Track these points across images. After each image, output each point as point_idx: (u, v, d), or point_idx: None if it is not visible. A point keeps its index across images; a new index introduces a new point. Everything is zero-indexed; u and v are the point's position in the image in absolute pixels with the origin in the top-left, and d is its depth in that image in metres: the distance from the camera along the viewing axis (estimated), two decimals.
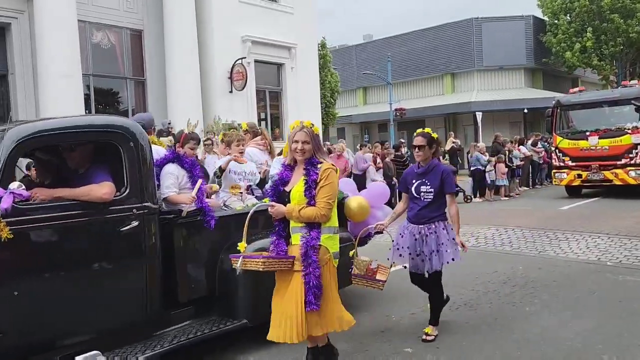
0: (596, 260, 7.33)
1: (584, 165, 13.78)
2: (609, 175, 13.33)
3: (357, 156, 12.56)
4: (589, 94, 15.41)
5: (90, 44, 13.54)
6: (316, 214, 3.47)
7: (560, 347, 4.34)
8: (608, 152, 13.35)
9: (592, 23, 29.43)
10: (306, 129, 3.63)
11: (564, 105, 14.74)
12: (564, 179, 14.23)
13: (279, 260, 3.57)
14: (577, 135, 14.03)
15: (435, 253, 4.51)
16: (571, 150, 14.06)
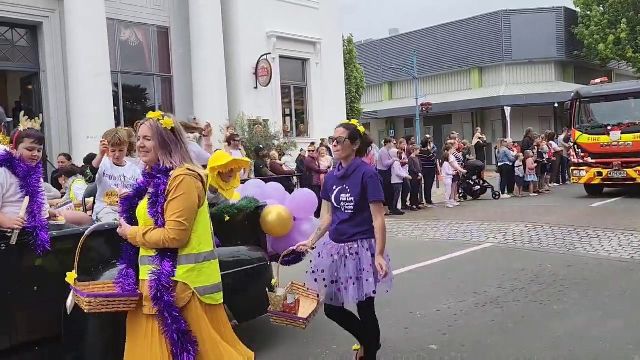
0: (629, 259, 7.11)
1: (604, 162, 12.77)
2: (633, 173, 12.31)
3: (382, 152, 12.46)
4: (612, 85, 14.27)
5: (118, 42, 13.78)
6: (164, 238, 2.57)
7: (589, 347, 4.22)
8: (632, 148, 12.34)
9: (626, 14, 28.52)
10: (151, 122, 2.74)
11: (584, 97, 13.72)
12: (582, 177, 13.27)
13: (114, 299, 2.66)
14: (598, 129, 13.00)
15: (354, 281, 3.54)
16: (591, 145, 13.12)
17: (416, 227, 10.40)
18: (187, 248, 2.64)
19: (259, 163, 10.81)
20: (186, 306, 2.62)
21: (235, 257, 4.13)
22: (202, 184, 2.71)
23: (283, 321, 3.44)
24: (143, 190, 2.80)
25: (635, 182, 12.42)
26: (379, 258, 3.48)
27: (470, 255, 7.88)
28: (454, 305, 5.40)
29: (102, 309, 2.67)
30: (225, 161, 4.01)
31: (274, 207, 4.53)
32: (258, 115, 14.78)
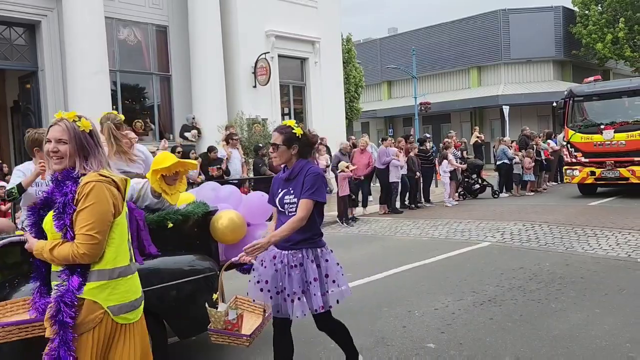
0: (626, 257, 7.14)
1: (597, 161, 12.66)
2: (626, 172, 12.16)
3: (380, 150, 12.48)
4: (605, 84, 14.03)
5: (116, 41, 13.77)
6: (73, 254, 2.28)
7: (587, 345, 4.25)
8: (625, 147, 12.21)
9: (624, 13, 28.57)
10: (65, 122, 2.43)
11: (577, 96, 13.58)
12: (575, 177, 13.17)
13: (27, 325, 2.42)
14: (591, 128, 12.89)
15: (300, 296, 3.29)
16: (584, 145, 12.98)
17: (415, 226, 10.42)
18: (100, 263, 2.35)
19: (258, 162, 10.82)
20: (95, 329, 2.30)
21: (180, 266, 3.81)
22: (119, 191, 2.43)
23: (225, 339, 3.11)
24: (51, 200, 2.45)
25: (628, 182, 12.30)
26: (268, 238, 3.22)
27: (468, 254, 7.90)
28: (453, 304, 5.42)
29: (12, 338, 2.41)
30: (169, 163, 3.70)
31: (226, 212, 4.15)
32: (257, 114, 14.78)
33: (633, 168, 12.10)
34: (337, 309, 5.39)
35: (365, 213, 12.30)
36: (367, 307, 5.49)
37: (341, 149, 11.96)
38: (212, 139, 12.48)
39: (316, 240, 3.39)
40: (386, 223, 11.00)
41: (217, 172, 9.75)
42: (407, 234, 9.88)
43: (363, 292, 6.08)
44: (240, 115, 14.25)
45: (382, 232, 10.23)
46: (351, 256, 8.20)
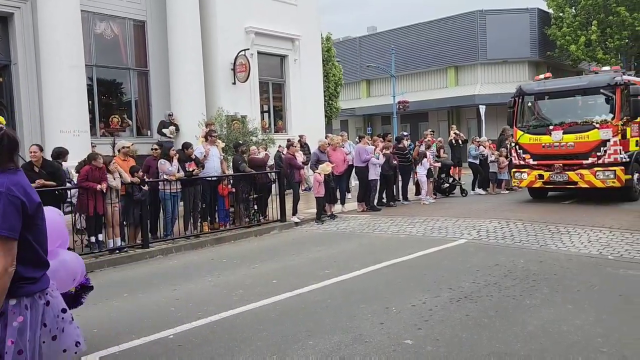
0: (597, 254, 7.33)
1: (546, 164, 11.87)
2: (574, 176, 11.40)
3: (359, 148, 12.53)
4: (555, 81, 12.96)
5: (93, 35, 13.55)
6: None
7: (560, 340, 4.35)
8: (574, 150, 11.43)
9: (597, 16, 29.20)
10: None
11: (527, 94, 12.73)
12: (524, 180, 12.31)
13: None
14: (540, 129, 12.04)
15: None
16: (532, 146, 12.11)
17: (392, 224, 10.51)
18: None
19: (237, 159, 10.76)
20: None
21: None
22: None
23: None
24: None
25: (577, 186, 11.61)
26: None
27: (445, 251, 8.01)
28: (430, 300, 5.50)
29: None
30: None
31: None
32: (236, 111, 14.70)
33: (582, 172, 11.34)
34: (315, 307, 5.45)
35: (343, 211, 12.35)
36: (345, 303, 5.53)
37: (320, 147, 11.98)
38: (190, 136, 12.37)
39: (20, 286, 2.38)
40: (364, 220, 11.07)
41: (197, 169, 9.67)
42: (385, 232, 9.96)
43: (341, 289, 6.12)
44: (220, 112, 14.15)
45: (360, 230, 10.29)
46: (329, 253, 8.24)
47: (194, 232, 9.79)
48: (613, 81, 11.28)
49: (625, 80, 11.37)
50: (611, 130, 11.09)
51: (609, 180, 11.03)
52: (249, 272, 7.25)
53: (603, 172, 11.07)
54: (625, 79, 11.51)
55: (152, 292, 6.46)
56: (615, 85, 11.23)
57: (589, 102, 11.95)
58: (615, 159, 11.09)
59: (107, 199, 8.34)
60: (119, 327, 5.14)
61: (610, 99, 11.31)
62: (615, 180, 10.98)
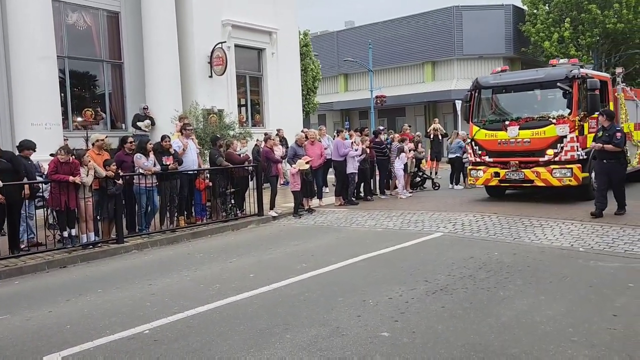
0: (569, 247, 7.50)
1: (502, 161, 11.30)
2: (530, 174, 10.85)
3: (337, 142, 12.55)
4: (512, 74, 12.36)
5: (65, 25, 13.24)
6: None
7: (532, 331, 4.44)
8: (529, 146, 10.89)
9: (570, 13, 29.73)
10: None
11: (483, 87, 12.05)
12: (479, 178, 11.72)
13: None
14: (495, 124, 11.43)
15: None
16: (488, 142, 11.49)
17: (370, 217, 10.56)
18: None
19: (214, 153, 10.67)
20: None
21: None
22: None
23: None
24: None
25: (533, 185, 11.06)
26: None
27: (421, 244, 8.10)
28: (406, 293, 5.55)
29: None
30: None
31: None
32: (213, 104, 14.57)
33: (538, 169, 10.77)
34: (292, 301, 5.45)
35: (321, 205, 12.36)
36: (322, 297, 5.54)
37: (297, 140, 11.96)
38: (166, 129, 12.20)
39: None
40: (342, 214, 11.10)
41: (173, 164, 9.55)
42: (362, 225, 10.01)
43: (318, 283, 6.14)
44: (195, 106, 14.00)
45: (338, 223, 10.32)
46: (307, 247, 8.25)
47: (170, 226, 9.68)
48: (570, 74, 10.73)
49: (582, 74, 10.81)
50: (568, 126, 10.54)
51: (565, 178, 10.53)
52: (225, 267, 7.21)
53: (560, 170, 10.57)
54: (583, 72, 10.92)
55: (127, 287, 6.37)
56: (573, 78, 10.70)
57: (548, 96, 11.32)
58: (572, 156, 10.54)
59: (80, 194, 8.18)
60: (93, 323, 5.07)
61: (567, 93, 10.77)
62: (572, 178, 10.47)
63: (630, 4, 28.18)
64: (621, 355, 3.93)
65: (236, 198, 11.00)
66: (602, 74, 12.58)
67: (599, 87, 10.74)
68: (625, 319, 4.63)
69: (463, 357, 3.98)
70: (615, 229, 8.13)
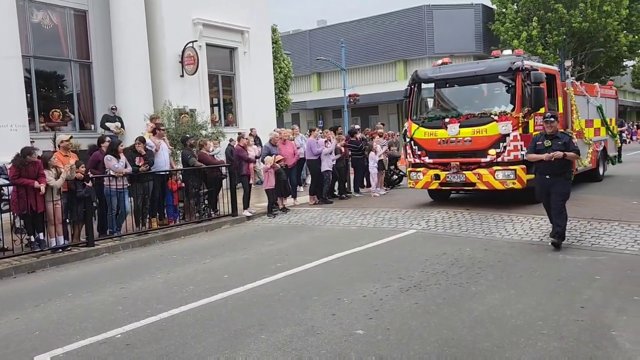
0: (538, 241, 7.66)
1: (442, 162, 10.30)
2: (472, 176, 9.87)
3: (310, 141, 12.55)
4: (451, 67, 11.06)
5: (30, 24, 12.90)
6: None
7: (504, 325, 4.53)
8: (471, 146, 9.89)
9: (537, 12, 30.41)
10: None
11: (423, 81, 11.03)
12: (419, 181, 10.67)
13: None
14: (435, 122, 10.38)
15: None
16: (428, 142, 10.45)
17: (344, 216, 10.60)
18: None
19: (186, 153, 10.54)
20: None
21: None
22: None
23: None
24: None
25: (475, 188, 10.09)
26: None
27: (395, 242, 8.17)
28: (380, 290, 5.59)
29: None
30: None
31: None
32: (185, 104, 14.40)
33: (480, 171, 9.80)
34: (267, 301, 5.44)
35: (295, 204, 12.35)
36: (297, 296, 5.54)
37: (271, 140, 11.92)
38: (137, 130, 12.01)
39: None
40: (316, 213, 11.11)
41: (143, 165, 9.40)
42: (337, 224, 10.04)
43: (293, 282, 6.13)
44: (168, 105, 13.81)
45: (312, 222, 10.33)
46: (281, 247, 8.23)
47: (143, 228, 9.54)
48: (514, 66, 9.71)
49: (526, 66, 9.78)
50: (511, 124, 9.55)
51: (509, 180, 9.56)
52: (199, 268, 7.15)
53: (503, 172, 9.60)
54: (528, 64, 9.91)
55: (98, 291, 6.25)
56: (516, 70, 9.70)
57: (495, 90, 10.31)
58: (515, 156, 9.53)
59: (48, 197, 7.98)
60: (63, 329, 4.96)
61: (510, 87, 9.82)
62: (516, 180, 9.48)
63: (594, 3, 28.97)
64: (588, 346, 4.04)
65: (210, 198, 10.90)
66: (549, 67, 11.59)
67: (544, 80, 9.72)
68: (592, 311, 4.76)
69: (436, 352, 4.04)
70: (583, 222, 8.33)
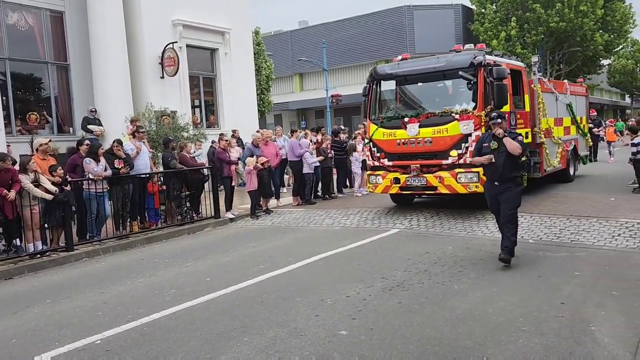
0: (519, 239, 7.66)
1: (402, 164, 9.67)
2: (433, 180, 9.20)
3: (292, 142, 12.52)
4: (411, 63, 10.23)
5: (4, 26, 12.65)
6: None
7: (486, 322, 4.56)
8: (431, 147, 9.25)
9: (516, 12, 30.80)
10: None
11: (381, 78, 10.34)
12: (379, 185, 9.99)
13: None
14: (394, 121, 9.72)
15: None
16: (387, 143, 9.80)
17: (327, 216, 10.59)
18: None
19: (167, 155, 10.44)
20: None
21: None
22: None
23: None
24: None
25: (437, 192, 9.46)
26: None
27: (378, 242, 8.18)
28: (363, 290, 5.59)
29: None
30: None
31: None
32: (165, 106, 14.25)
33: (441, 174, 9.16)
34: (250, 303, 5.40)
35: (279, 205, 12.31)
36: (280, 298, 5.51)
37: (253, 141, 11.86)
38: (116, 133, 11.86)
39: None
40: (299, 214, 11.09)
41: (123, 167, 9.29)
42: (320, 224, 10.03)
43: (276, 284, 6.10)
44: (149, 108, 13.65)
45: (295, 223, 10.30)
46: (264, 248, 8.20)
47: (123, 232, 9.41)
48: (475, 61, 9.10)
49: (489, 61, 9.19)
50: (473, 123, 8.96)
51: (472, 184, 8.92)
52: (181, 271, 7.07)
53: (465, 175, 8.97)
54: (490, 59, 9.35)
55: (77, 296, 6.15)
56: (478, 65, 9.08)
57: (457, 87, 9.62)
58: None
59: (25, 202, 7.83)
60: (41, 336, 4.86)
61: (472, 84, 9.20)
62: (479, 184, 8.62)
63: (571, 3, 29.44)
64: (569, 341, 4.09)
65: (191, 201, 10.81)
66: (514, 62, 11.09)
67: (507, 76, 9.20)
68: (572, 307, 4.82)
69: (419, 351, 4.05)
70: (562, 219, 8.44)
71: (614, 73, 49.63)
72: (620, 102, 62.32)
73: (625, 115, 57.56)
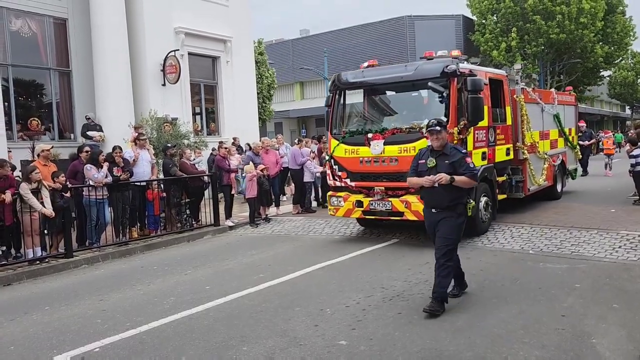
0: (519, 249, 7.72)
1: (365, 186, 8.58)
2: (399, 204, 8.12)
3: (294, 151, 12.54)
4: (376, 71, 9.12)
5: (8, 32, 12.72)
6: None
7: (486, 334, 4.54)
8: (397, 167, 8.09)
9: (516, 24, 30.96)
10: None
11: (343, 87, 9.25)
12: (340, 208, 8.88)
13: None
14: (357, 137, 8.62)
15: None
16: (349, 161, 8.72)
17: (327, 225, 10.58)
18: None
19: (168, 162, 10.44)
20: None
21: None
22: None
23: None
24: None
25: (403, 218, 8.26)
26: None
27: (379, 251, 8.16)
28: (363, 300, 5.57)
29: None
30: None
31: None
32: (167, 113, 14.28)
33: (408, 198, 8.03)
34: (249, 312, 5.38)
35: (278, 213, 12.30)
36: (280, 307, 5.50)
37: (253, 149, 11.87)
38: (117, 139, 11.86)
39: None
40: (299, 223, 11.07)
41: (123, 174, 9.29)
42: (320, 233, 10.01)
43: (276, 293, 6.08)
44: (152, 114, 13.68)
45: (295, 232, 10.29)
46: (264, 257, 8.18)
47: (123, 239, 9.40)
48: (447, 69, 8.00)
49: (463, 70, 8.15)
50: None
51: None
52: (181, 279, 7.05)
53: None
54: (465, 67, 8.31)
55: (76, 303, 6.13)
56: (451, 75, 7.99)
57: (435, 98, 8.31)
58: None
59: (25, 207, 7.83)
60: (40, 343, 4.84)
61: (443, 96, 8.07)
62: None
63: (572, 15, 29.60)
64: (569, 354, 4.07)
65: (191, 208, 10.80)
66: (494, 71, 10.22)
67: (483, 88, 8.17)
68: (572, 319, 4.81)
69: None
70: (563, 231, 8.43)
71: (614, 85, 49.83)
72: (620, 113, 62.58)
73: (625, 127, 57.74)
